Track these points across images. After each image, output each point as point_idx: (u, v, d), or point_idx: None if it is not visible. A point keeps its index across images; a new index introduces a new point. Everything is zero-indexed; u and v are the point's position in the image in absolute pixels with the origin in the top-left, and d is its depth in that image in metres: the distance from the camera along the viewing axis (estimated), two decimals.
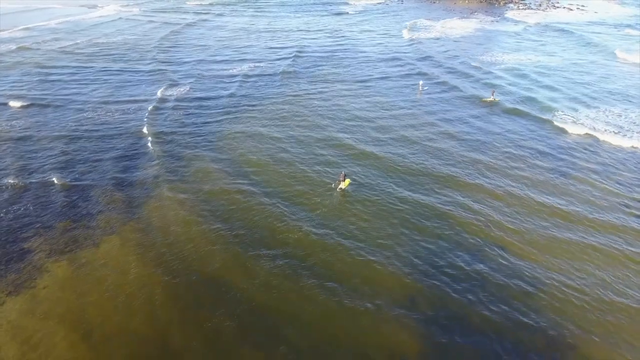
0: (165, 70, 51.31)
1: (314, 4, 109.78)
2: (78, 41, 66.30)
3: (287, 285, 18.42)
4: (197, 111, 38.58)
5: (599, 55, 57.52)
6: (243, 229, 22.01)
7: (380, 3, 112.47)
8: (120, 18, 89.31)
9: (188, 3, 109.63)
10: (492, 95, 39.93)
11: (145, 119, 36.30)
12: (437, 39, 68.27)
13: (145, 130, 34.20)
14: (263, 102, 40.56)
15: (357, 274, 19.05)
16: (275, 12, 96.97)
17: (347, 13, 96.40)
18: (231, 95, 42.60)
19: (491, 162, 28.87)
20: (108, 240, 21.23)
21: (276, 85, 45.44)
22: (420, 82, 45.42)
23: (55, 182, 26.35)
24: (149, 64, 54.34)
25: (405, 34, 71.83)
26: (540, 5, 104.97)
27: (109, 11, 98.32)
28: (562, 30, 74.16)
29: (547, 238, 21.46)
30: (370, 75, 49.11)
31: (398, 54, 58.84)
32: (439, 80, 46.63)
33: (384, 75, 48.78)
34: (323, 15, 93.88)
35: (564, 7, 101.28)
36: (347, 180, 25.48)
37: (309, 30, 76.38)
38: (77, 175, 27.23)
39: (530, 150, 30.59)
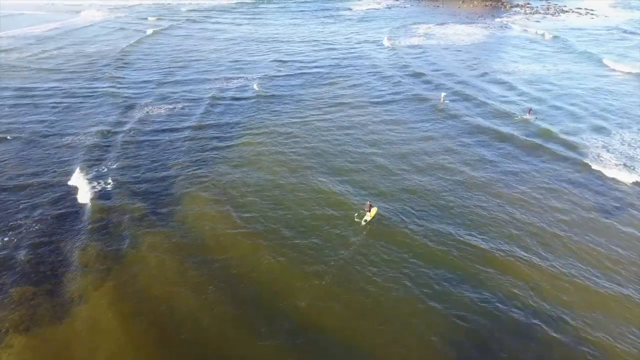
0: (121, 93, 43.95)
1: (315, 10, 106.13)
2: (30, 53, 60.33)
3: None
4: (154, 152, 31.34)
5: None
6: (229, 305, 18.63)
7: (381, 8, 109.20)
8: (92, 25, 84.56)
9: (183, 9, 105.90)
10: (528, 113, 37.77)
11: (85, 164, 28.90)
12: (447, 47, 65.06)
13: (79, 180, 26.78)
14: (261, 128, 37.05)
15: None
16: (272, 20, 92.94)
17: (350, 19, 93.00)
18: (198, 127, 35.51)
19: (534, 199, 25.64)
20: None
21: (265, 110, 40.22)
22: (442, 95, 42.63)
23: None
24: (105, 82, 47.40)
25: (411, 41, 68.59)
26: (548, 9, 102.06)
27: (86, 18, 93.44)
28: (582, 38, 71.14)
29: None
30: (381, 92, 45.69)
31: (407, 65, 55.50)
32: (457, 94, 43.41)
33: (395, 91, 45.39)
34: (326, 23, 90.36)
35: (572, 11, 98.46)
36: (375, 210, 22.98)
37: (307, 41, 72.90)
38: None
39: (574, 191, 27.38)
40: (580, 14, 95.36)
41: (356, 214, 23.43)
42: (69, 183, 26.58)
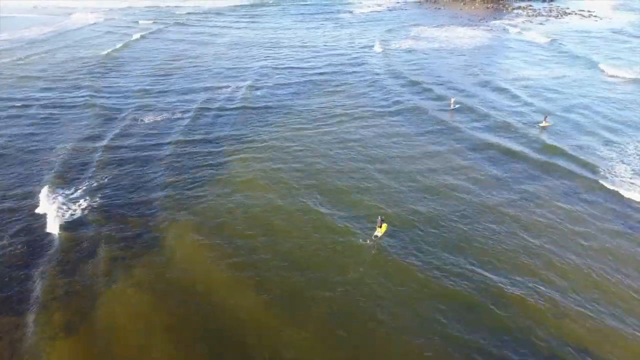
0: (103, 103, 41.06)
1: (315, 13, 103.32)
2: (14, 57, 57.71)
3: None
4: (135, 170, 28.63)
5: None
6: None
7: (382, 11, 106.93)
8: (82, 28, 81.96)
9: (178, 12, 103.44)
10: (545, 120, 36.41)
11: (57, 185, 26.39)
12: (452, 51, 62.76)
13: (49, 205, 24.21)
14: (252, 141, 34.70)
15: None
16: (270, 23, 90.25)
17: (350, 22, 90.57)
18: (184, 142, 32.75)
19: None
20: None
21: (257, 123, 37.50)
22: (452, 100, 40.53)
23: None
24: (86, 91, 44.48)
25: (414, 46, 66.25)
26: (550, 11, 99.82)
27: (77, 20, 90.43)
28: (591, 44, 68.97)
29: None
30: (383, 102, 43.29)
31: (409, 72, 53.18)
32: (461, 104, 41.07)
33: (397, 101, 43.06)
34: (326, 27, 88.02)
35: (575, 13, 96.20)
36: (385, 226, 22.23)
37: (306, 46, 70.57)
38: None
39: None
40: (584, 16, 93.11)
41: (361, 240, 21.58)
42: (37, 210, 24.06)
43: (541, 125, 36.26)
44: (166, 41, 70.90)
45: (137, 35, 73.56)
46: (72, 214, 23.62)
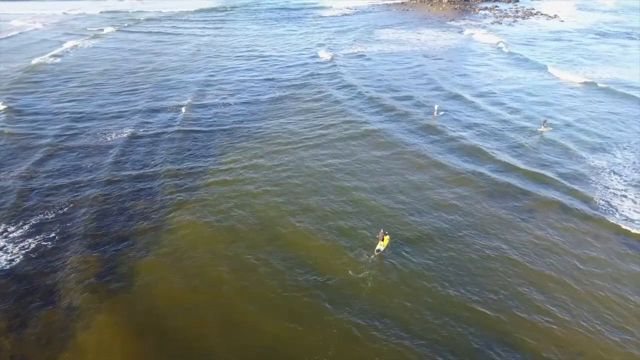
0: (13, 131, 35.06)
1: (283, 18, 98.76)
2: None
3: None
4: (45, 220, 23.79)
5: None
6: None
7: (350, 14, 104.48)
8: (15, 35, 74.70)
9: (140, 17, 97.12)
10: (543, 125, 35.34)
11: None
12: (427, 55, 60.80)
13: None
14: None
15: None
16: (237, 29, 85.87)
17: (325, 27, 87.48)
18: (109, 182, 27.45)
19: None
20: None
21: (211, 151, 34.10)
22: (436, 107, 38.65)
23: None
24: None
25: (384, 49, 63.93)
26: (517, 12, 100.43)
27: (13, 26, 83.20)
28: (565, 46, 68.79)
29: None
30: (360, 111, 40.39)
31: (382, 79, 50.60)
32: (443, 111, 38.71)
33: (377, 111, 40.23)
34: (294, 32, 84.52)
35: (540, 14, 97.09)
36: (387, 239, 21.35)
37: (262, 56, 66.83)
38: None
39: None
40: (550, 17, 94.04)
41: (350, 270, 19.72)
42: None
43: (540, 130, 34.85)
44: (108, 50, 65.03)
45: (68, 45, 66.84)
46: None
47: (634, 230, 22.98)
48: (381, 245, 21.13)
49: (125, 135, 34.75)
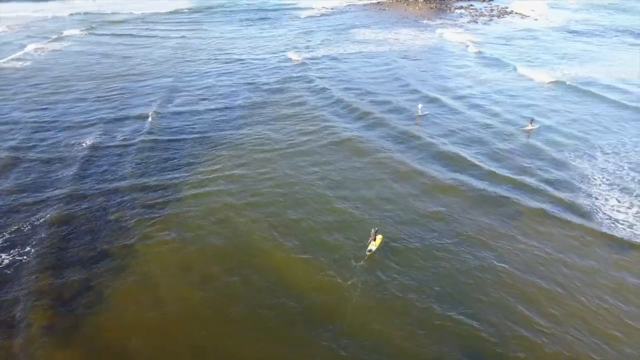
0: None
1: (260, 19, 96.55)
2: None
3: None
4: None
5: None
6: None
7: (326, 14, 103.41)
8: None
9: (112, 19, 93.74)
10: (530, 124, 35.48)
11: None
12: (405, 56, 60.29)
13: None
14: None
15: None
16: (211, 30, 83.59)
17: (299, 27, 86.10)
18: (69, 198, 25.54)
19: None
20: None
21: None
22: (419, 106, 38.28)
23: None
24: None
25: (353, 49, 63.14)
26: (492, 10, 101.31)
27: None
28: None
29: None
30: (340, 116, 39.41)
31: (357, 82, 49.77)
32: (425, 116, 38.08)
33: (357, 116, 39.33)
34: (272, 34, 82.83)
35: (515, 13, 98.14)
36: (379, 238, 20.83)
37: (239, 60, 65.24)
38: None
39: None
40: (525, 15, 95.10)
41: (333, 287, 18.83)
42: None
43: (527, 129, 34.98)
44: (75, 54, 61.96)
45: (33, 47, 63.45)
46: None
47: (618, 235, 22.68)
48: (373, 245, 20.51)
49: (90, 145, 32.75)
